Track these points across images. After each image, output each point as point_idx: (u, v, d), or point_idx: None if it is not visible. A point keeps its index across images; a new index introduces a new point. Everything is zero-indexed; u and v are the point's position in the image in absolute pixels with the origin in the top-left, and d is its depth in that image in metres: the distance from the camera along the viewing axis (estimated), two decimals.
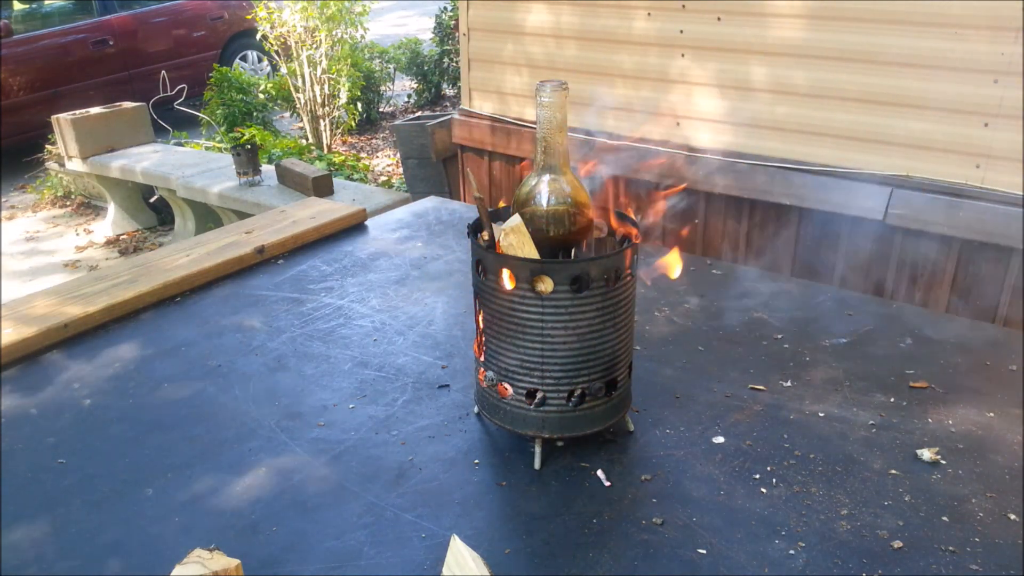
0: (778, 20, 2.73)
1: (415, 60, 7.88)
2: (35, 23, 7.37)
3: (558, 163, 1.28)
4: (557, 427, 1.33)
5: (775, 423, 1.46)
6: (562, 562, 1.15)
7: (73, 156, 5.38)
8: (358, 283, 2.06)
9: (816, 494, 1.27)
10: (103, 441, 1.45)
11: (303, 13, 5.98)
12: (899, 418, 1.46)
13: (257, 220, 2.43)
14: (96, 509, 1.28)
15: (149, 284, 1.97)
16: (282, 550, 1.18)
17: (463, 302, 1.94)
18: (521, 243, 1.27)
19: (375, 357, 1.71)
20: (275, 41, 6.18)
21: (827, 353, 1.68)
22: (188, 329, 1.84)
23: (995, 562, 1.13)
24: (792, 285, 2.05)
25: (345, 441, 1.43)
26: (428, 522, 1.23)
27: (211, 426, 1.49)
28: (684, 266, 2.11)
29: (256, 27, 6.34)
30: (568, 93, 1.25)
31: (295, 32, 6.04)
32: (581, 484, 1.31)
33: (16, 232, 5.74)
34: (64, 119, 5.30)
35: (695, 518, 1.23)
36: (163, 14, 7.88)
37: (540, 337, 1.27)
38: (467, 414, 1.50)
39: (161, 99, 6.78)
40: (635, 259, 1.31)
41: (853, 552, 1.15)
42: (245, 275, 2.12)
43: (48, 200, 6.27)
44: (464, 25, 3.67)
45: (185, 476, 1.35)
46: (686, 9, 2.93)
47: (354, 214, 2.45)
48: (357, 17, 6.46)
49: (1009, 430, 1.42)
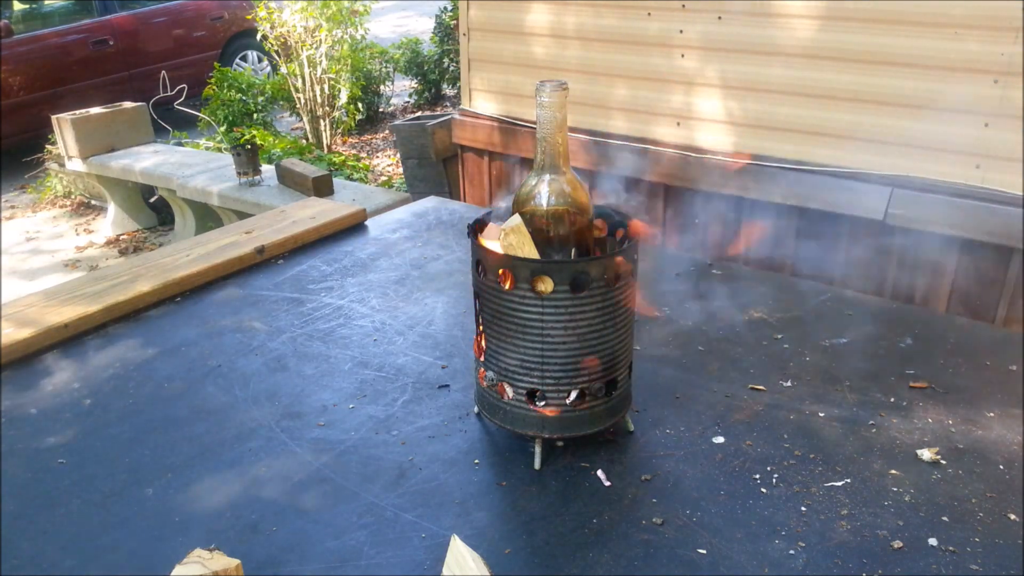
0: (778, 20, 2.74)
1: (415, 60, 7.89)
2: (35, 23, 7.37)
3: (558, 163, 1.28)
4: (557, 427, 1.33)
5: (775, 423, 1.46)
6: (562, 562, 1.15)
7: (73, 156, 5.38)
8: (358, 283, 2.06)
9: (816, 494, 1.27)
10: (103, 441, 1.45)
11: (303, 13, 5.98)
12: (899, 418, 1.46)
13: (257, 220, 2.44)
14: (96, 509, 1.28)
15: (149, 284, 1.97)
16: (282, 550, 1.18)
17: (463, 302, 1.94)
18: (521, 243, 1.27)
19: (375, 357, 1.71)
20: (275, 41, 6.19)
21: (827, 353, 1.68)
22: (188, 329, 1.84)
23: (995, 562, 1.13)
24: (792, 285, 2.05)
25: (345, 441, 1.43)
26: (428, 522, 1.23)
27: (211, 426, 1.49)
28: (684, 266, 2.12)
29: (256, 27, 6.35)
30: (568, 93, 1.25)
31: (295, 32, 6.05)
32: (581, 484, 1.31)
33: (16, 232, 5.74)
34: (64, 119, 5.30)
35: (695, 518, 1.23)
36: (163, 14, 7.88)
37: (540, 337, 1.27)
38: (467, 414, 1.50)
39: (161, 99, 6.78)
40: (635, 259, 1.31)
41: (853, 552, 1.15)
42: (245, 275, 2.12)
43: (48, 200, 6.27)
44: (464, 25, 3.67)
45: (185, 476, 1.35)
46: (686, 9, 2.93)
47: (354, 214, 2.45)
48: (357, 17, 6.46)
49: (1009, 430, 1.42)
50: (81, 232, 5.70)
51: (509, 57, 3.55)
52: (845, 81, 2.65)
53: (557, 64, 3.37)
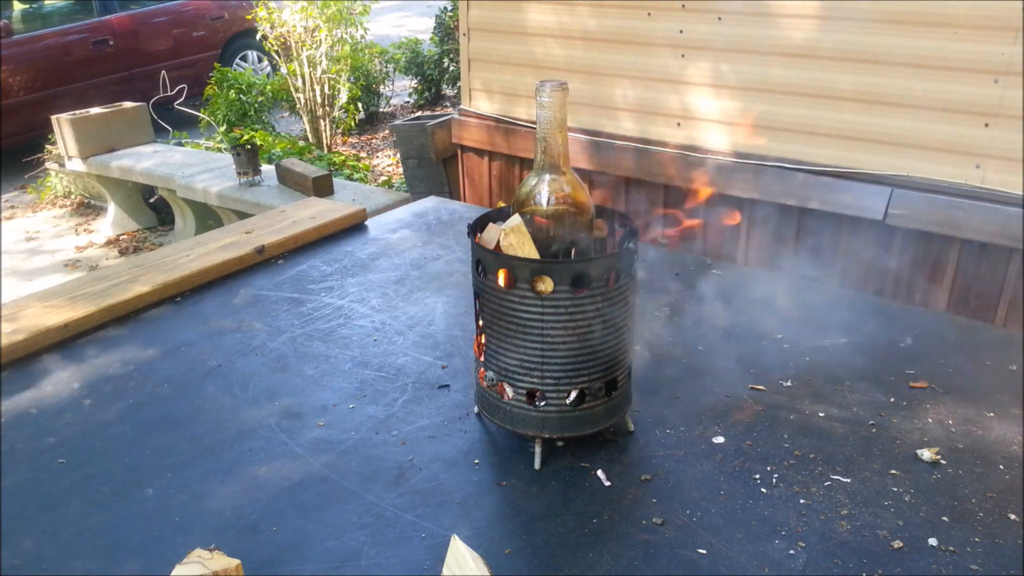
0: (778, 20, 2.74)
1: (415, 60, 7.89)
2: (35, 23, 7.37)
3: (558, 163, 1.28)
4: (557, 427, 1.33)
5: (775, 423, 1.46)
6: (562, 562, 1.15)
7: (73, 156, 5.38)
8: (358, 283, 2.06)
9: (816, 494, 1.27)
10: (103, 441, 1.45)
11: (303, 13, 5.98)
12: (899, 418, 1.46)
13: (257, 220, 2.44)
14: (96, 509, 1.28)
15: (149, 284, 1.97)
16: (282, 550, 1.18)
17: (463, 302, 1.94)
18: (521, 243, 1.27)
19: (375, 357, 1.71)
20: (275, 41, 6.19)
21: (827, 353, 1.68)
22: (188, 329, 1.84)
23: (995, 562, 1.13)
24: (792, 285, 2.05)
25: (345, 441, 1.43)
26: (428, 522, 1.23)
27: (211, 426, 1.49)
28: (684, 266, 2.12)
29: (256, 27, 6.35)
30: (568, 93, 1.25)
31: (295, 32, 6.05)
32: (581, 484, 1.31)
33: (16, 232, 5.74)
34: (64, 119, 5.30)
35: (695, 518, 1.23)
36: (163, 14, 7.88)
37: (540, 337, 1.27)
38: (467, 414, 1.50)
39: (161, 99, 6.78)
40: (635, 259, 1.31)
41: (853, 552, 1.15)
42: (245, 275, 2.12)
43: (48, 200, 6.27)
44: (464, 25, 3.67)
45: (185, 476, 1.35)
46: (686, 9, 2.93)
47: (354, 214, 2.45)
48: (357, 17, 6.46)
49: (1009, 430, 1.42)
50: (81, 232, 5.70)
51: (509, 57, 3.55)
52: (845, 81, 2.65)
53: (557, 64, 3.37)
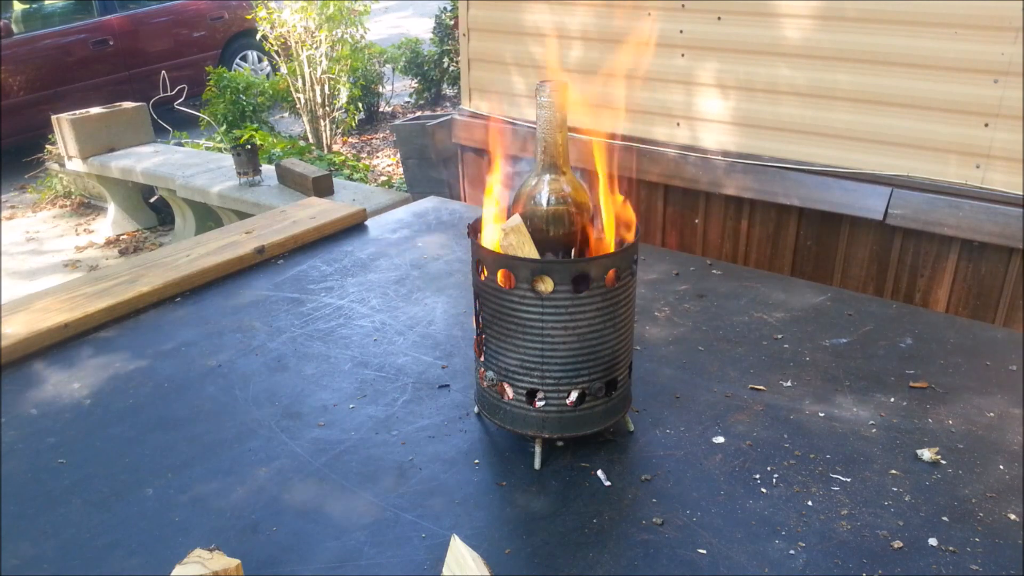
0: (778, 20, 2.73)
1: (415, 60, 7.88)
2: (35, 23, 7.37)
3: (558, 163, 1.28)
4: (557, 427, 1.33)
5: (775, 423, 1.46)
6: (562, 562, 1.15)
7: (73, 156, 5.38)
8: (358, 283, 2.06)
9: (816, 494, 1.27)
10: (103, 441, 1.45)
11: (303, 13, 5.98)
12: (899, 418, 1.46)
13: (257, 220, 2.44)
14: (96, 509, 1.28)
15: (149, 284, 1.97)
16: (282, 550, 1.18)
17: (463, 302, 1.94)
18: (521, 243, 1.27)
19: (375, 357, 1.71)
20: (275, 41, 6.18)
21: (827, 353, 1.68)
22: (188, 329, 1.84)
23: (995, 562, 1.13)
24: (792, 285, 2.05)
25: (345, 441, 1.43)
26: (428, 522, 1.23)
27: (211, 426, 1.49)
28: (684, 266, 2.12)
29: (256, 27, 6.34)
30: (568, 93, 1.25)
31: (295, 32, 6.04)
32: (581, 484, 1.31)
33: (16, 232, 5.74)
34: (64, 119, 5.30)
35: (695, 518, 1.23)
36: (163, 14, 7.88)
37: (540, 337, 1.27)
38: (467, 414, 1.50)
39: (161, 99, 6.78)
40: (635, 259, 1.31)
41: (853, 552, 1.15)
42: (245, 275, 2.12)
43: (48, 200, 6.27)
44: (464, 25, 3.67)
45: (185, 476, 1.35)
46: (686, 9, 2.93)
47: (354, 214, 2.45)
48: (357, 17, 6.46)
49: (1009, 430, 1.42)
50: (81, 232, 5.69)
51: (509, 57, 3.54)
52: (845, 81, 2.64)
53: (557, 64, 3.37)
